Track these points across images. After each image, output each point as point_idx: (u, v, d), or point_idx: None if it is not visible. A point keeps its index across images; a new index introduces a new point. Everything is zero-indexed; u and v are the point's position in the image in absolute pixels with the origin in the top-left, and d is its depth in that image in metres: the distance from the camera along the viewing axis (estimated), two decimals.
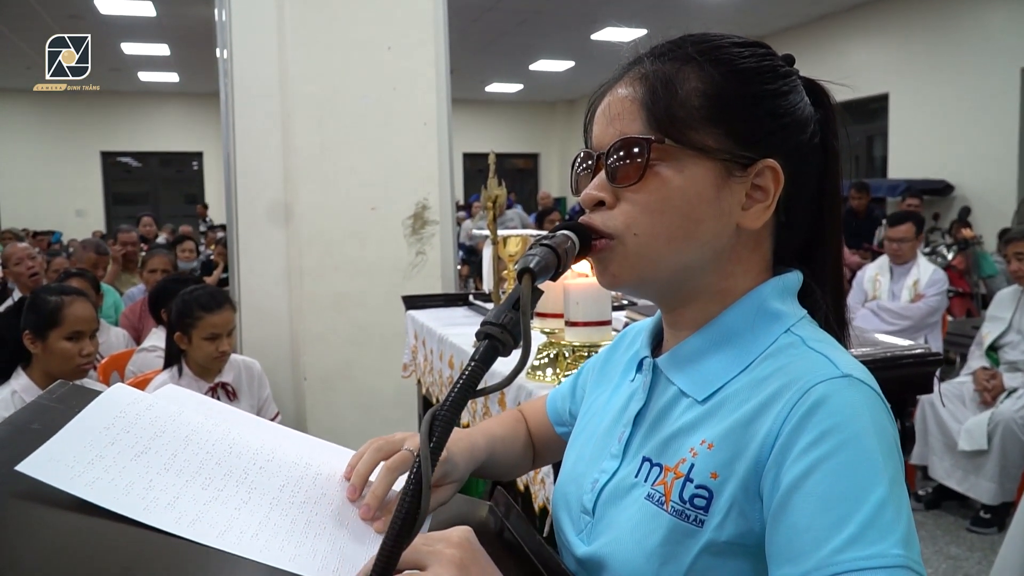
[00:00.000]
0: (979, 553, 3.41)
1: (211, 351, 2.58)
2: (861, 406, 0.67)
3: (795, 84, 0.81)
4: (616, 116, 0.79)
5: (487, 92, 15.59)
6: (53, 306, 2.41)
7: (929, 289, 4.48)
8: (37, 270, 4.50)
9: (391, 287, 3.45)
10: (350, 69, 3.48)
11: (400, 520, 0.56)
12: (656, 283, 0.80)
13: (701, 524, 0.71)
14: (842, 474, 0.63)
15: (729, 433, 0.72)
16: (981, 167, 8.50)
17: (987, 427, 3.62)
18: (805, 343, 0.75)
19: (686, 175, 0.75)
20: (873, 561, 0.60)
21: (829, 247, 0.84)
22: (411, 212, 3.58)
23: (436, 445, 0.58)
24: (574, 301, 1.50)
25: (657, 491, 0.75)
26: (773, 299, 0.79)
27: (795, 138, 0.79)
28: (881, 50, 9.79)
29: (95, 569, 0.68)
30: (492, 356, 0.64)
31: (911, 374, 1.59)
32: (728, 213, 0.77)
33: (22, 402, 2.35)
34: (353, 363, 3.55)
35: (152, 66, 12.37)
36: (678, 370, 0.81)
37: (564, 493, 0.89)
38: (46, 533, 0.69)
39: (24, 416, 0.83)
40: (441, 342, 2.30)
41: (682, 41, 0.80)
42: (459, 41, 3.89)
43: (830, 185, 0.83)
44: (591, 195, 0.79)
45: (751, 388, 0.73)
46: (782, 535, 0.65)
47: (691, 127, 0.75)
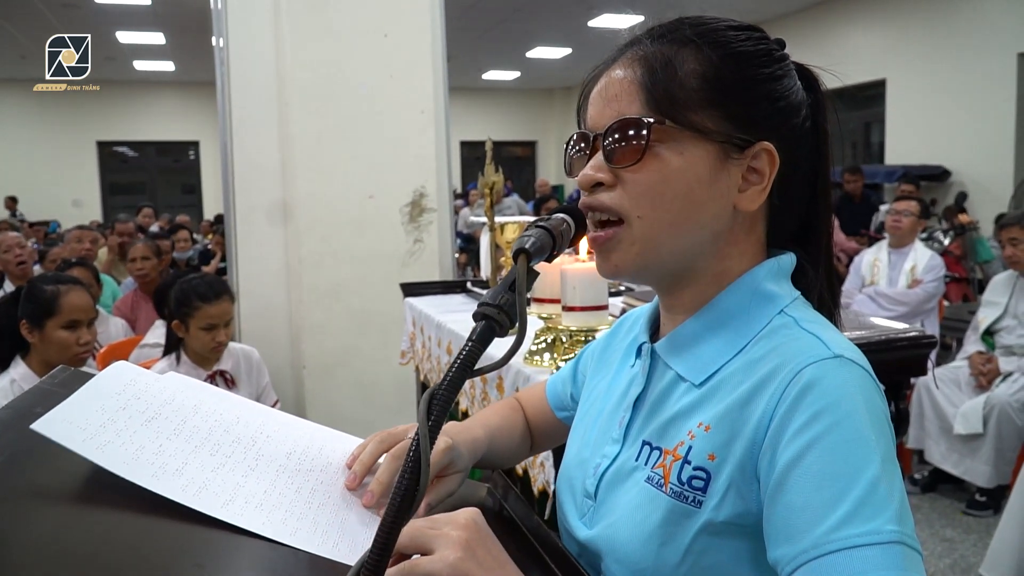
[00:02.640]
0: (975, 536, 3.44)
1: (207, 341, 2.59)
2: (852, 386, 0.68)
3: (789, 68, 0.82)
4: (613, 97, 0.79)
5: (484, 80, 15.54)
6: (50, 295, 2.41)
7: (927, 275, 4.49)
8: (25, 259, 4.48)
9: (389, 275, 3.45)
10: (347, 57, 3.47)
11: (400, 497, 0.57)
12: (656, 269, 0.81)
13: (699, 505, 0.72)
14: (835, 453, 0.64)
15: (725, 415, 0.73)
16: (978, 153, 8.50)
17: (983, 411, 3.64)
18: (798, 324, 0.76)
19: (685, 156, 0.76)
20: (868, 538, 0.61)
21: (821, 228, 0.85)
22: (409, 200, 3.59)
23: (434, 423, 0.59)
24: (571, 286, 1.51)
25: (656, 474, 0.76)
26: (767, 281, 0.80)
27: (789, 121, 0.80)
28: (878, 36, 9.77)
29: (102, 548, 0.69)
30: (489, 336, 0.65)
31: (906, 357, 1.61)
32: (725, 195, 0.78)
33: (21, 391, 2.34)
34: (352, 351, 3.56)
35: (147, 55, 12.31)
36: (675, 355, 0.82)
37: (568, 478, 0.90)
38: (48, 518, 0.70)
39: (26, 400, 0.84)
40: (439, 329, 2.31)
41: (679, 23, 0.80)
42: (456, 29, 3.88)
43: (822, 168, 0.84)
44: (589, 176, 0.79)
45: (745, 370, 0.74)
46: (779, 515, 0.66)
47: (690, 109, 0.76)
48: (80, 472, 0.74)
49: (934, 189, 8.85)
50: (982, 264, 6.90)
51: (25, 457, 0.74)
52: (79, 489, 0.73)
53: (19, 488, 0.71)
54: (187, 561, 0.68)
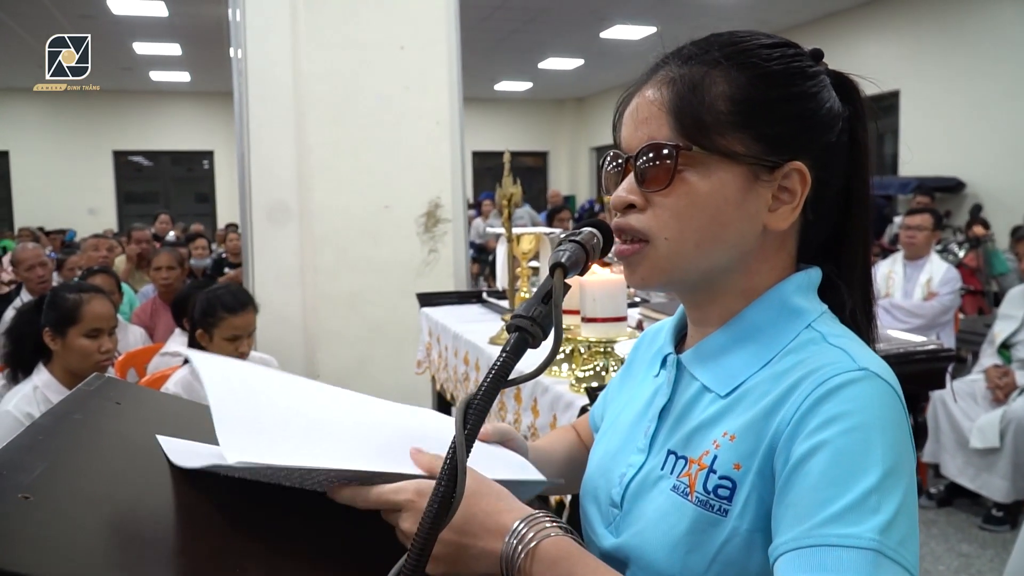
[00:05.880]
0: (991, 551, 3.41)
1: (231, 351, 2.60)
2: (873, 399, 0.69)
3: (823, 83, 0.81)
4: (643, 120, 0.80)
5: (496, 90, 15.59)
6: (72, 303, 2.44)
7: (942, 288, 4.46)
8: (47, 278, 4.52)
9: (404, 285, 3.48)
10: (363, 68, 3.50)
11: (437, 503, 0.58)
12: (684, 284, 0.82)
13: (725, 514, 0.73)
14: (838, 459, 0.66)
15: (751, 425, 0.74)
16: (992, 164, 8.46)
17: (999, 425, 3.62)
18: (825, 339, 0.77)
19: (713, 180, 0.77)
20: (846, 540, 0.63)
21: (857, 243, 0.85)
22: (424, 210, 3.61)
23: (470, 432, 0.60)
24: (591, 297, 1.52)
25: (682, 483, 0.77)
26: (795, 295, 0.81)
27: (822, 138, 0.79)
28: (891, 47, 9.75)
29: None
30: (522, 348, 0.67)
31: (923, 370, 1.61)
32: (755, 215, 0.78)
33: (43, 397, 2.38)
34: (366, 360, 3.57)
35: (163, 65, 12.42)
36: (701, 366, 0.83)
37: (593, 487, 0.91)
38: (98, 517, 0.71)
39: (65, 407, 0.86)
40: (456, 339, 2.32)
41: (708, 43, 0.80)
42: (468, 39, 3.91)
43: (858, 182, 0.83)
44: (622, 198, 0.81)
45: (771, 381, 0.75)
46: (781, 509, 0.68)
47: (718, 133, 0.76)
48: (122, 476, 0.75)
49: (948, 201, 8.81)
50: (997, 276, 6.85)
51: (67, 463, 0.75)
52: (121, 493, 0.75)
53: (65, 493, 0.72)
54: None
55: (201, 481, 0.77)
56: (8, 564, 0.57)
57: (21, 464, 0.70)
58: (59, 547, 0.64)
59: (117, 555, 0.66)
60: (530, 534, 0.71)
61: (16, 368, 2.49)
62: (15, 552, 0.60)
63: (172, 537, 0.71)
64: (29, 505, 0.65)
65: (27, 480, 0.68)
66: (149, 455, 0.82)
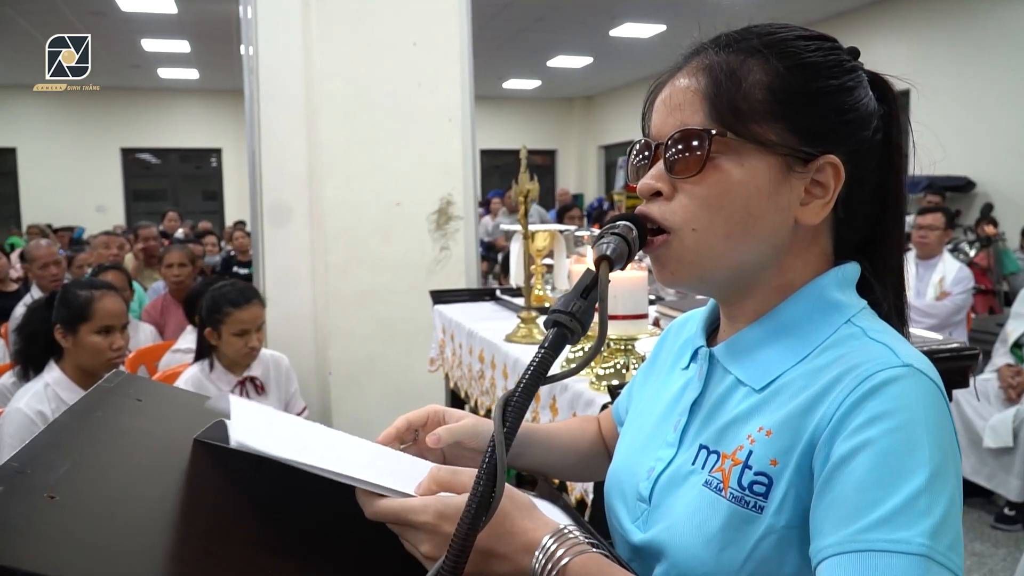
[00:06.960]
0: (1004, 550, 3.39)
1: (240, 347, 2.60)
2: (917, 396, 0.67)
3: (860, 79, 0.80)
4: (677, 106, 0.78)
5: (505, 88, 15.56)
6: (83, 300, 2.44)
7: (955, 287, 4.44)
8: (60, 276, 4.53)
9: (415, 282, 3.47)
10: (375, 65, 3.49)
11: (476, 503, 0.57)
12: (715, 280, 0.81)
13: (760, 511, 0.71)
14: (884, 459, 0.64)
15: (788, 420, 0.72)
16: (1003, 164, 8.41)
17: (1012, 424, 3.60)
18: (866, 334, 0.75)
19: (746, 169, 0.75)
20: (895, 545, 0.61)
21: (891, 242, 0.84)
22: (435, 208, 3.60)
23: (509, 430, 0.59)
24: (612, 295, 1.50)
25: (715, 478, 0.76)
26: (833, 290, 0.79)
27: (858, 134, 0.78)
28: (901, 47, 9.70)
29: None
30: (561, 343, 0.65)
31: (946, 369, 1.57)
32: (786, 208, 0.77)
33: (55, 394, 2.38)
34: (378, 358, 3.56)
35: (172, 62, 12.43)
36: (735, 360, 0.81)
37: (619, 481, 0.90)
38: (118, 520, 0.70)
39: (86, 404, 0.84)
40: (471, 336, 2.31)
41: (747, 32, 0.79)
42: (477, 37, 3.89)
43: (892, 181, 0.82)
44: (648, 184, 0.79)
45: (810, 376, 0.74)
46: (822, 510, 0.66)
47: (754, 121, 0.75)
48: (147, 474, 0.74)
49: (959, 200, 8.76)
50: (1008, 276, 6.82)
51: (91, 461, 0.74)
52: (147, 492, 0.74)
53: (87, 492, 0.71)
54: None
55: (228, 479, 0.76)
56: (34, 566, 0.56)
57: (46, 463, 0.69)
58: (84, 549, 0.63)
59: (143, 557, 0.65)
60: (560, 551, 0.68)
61: (27, 365, 2.49)
62: (41, 553, 0.59)
63: (197, 538, 0.70)
64: (55, 505, 0.64)
65: (52, 479, 0.67)
66: (172, 452, 0.81)
